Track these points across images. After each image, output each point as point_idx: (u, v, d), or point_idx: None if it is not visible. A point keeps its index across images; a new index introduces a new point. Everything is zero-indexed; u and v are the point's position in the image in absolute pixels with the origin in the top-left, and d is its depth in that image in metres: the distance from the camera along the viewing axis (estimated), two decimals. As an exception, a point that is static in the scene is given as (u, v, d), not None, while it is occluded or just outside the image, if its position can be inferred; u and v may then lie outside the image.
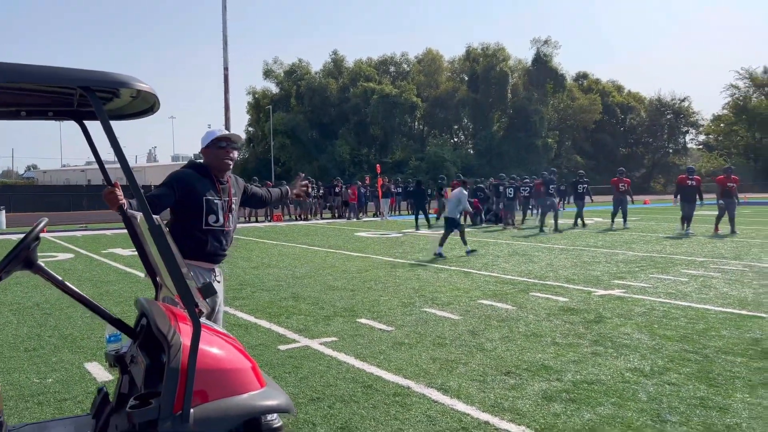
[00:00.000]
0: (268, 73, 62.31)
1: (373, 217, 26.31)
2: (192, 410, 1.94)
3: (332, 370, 4.55)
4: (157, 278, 2.73)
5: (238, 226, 19.27)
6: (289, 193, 3.86)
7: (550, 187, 17.69)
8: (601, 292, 7.60)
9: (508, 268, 9.85)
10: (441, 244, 11.58)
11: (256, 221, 24.91)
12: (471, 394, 4.00)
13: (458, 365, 4.63)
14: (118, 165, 2.00)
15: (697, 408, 3.72)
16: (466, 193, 11.84)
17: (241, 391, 2.08)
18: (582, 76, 71.49)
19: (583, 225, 18.32)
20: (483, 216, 21.20)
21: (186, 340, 2.03)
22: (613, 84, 72.72)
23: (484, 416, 3.63)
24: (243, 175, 52.58)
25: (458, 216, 11.79)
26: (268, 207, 6.13)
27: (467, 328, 5.78)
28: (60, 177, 72.24)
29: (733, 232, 15.25)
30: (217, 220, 3.24)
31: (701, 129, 75.21)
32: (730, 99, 73.93)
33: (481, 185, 22.75)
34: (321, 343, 5.32)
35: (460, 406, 3.80)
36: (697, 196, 15.65)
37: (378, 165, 30.28)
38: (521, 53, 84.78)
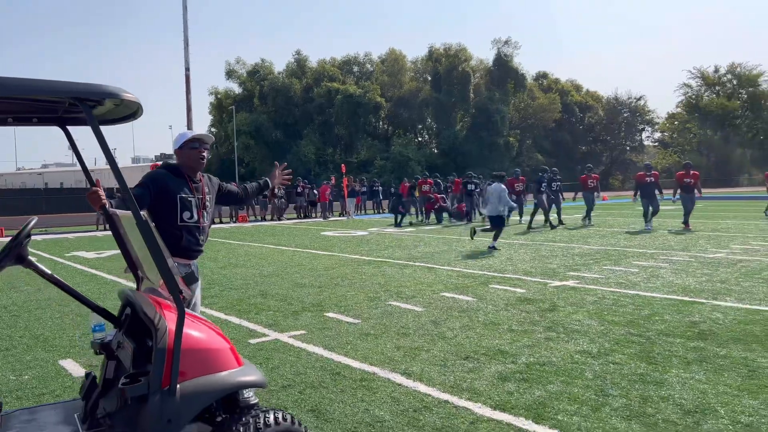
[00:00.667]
0: (230, 74, 61.82)
1: (339, 216, 26.50)
2: (178, 386, 2.17)
3: (302, 360, 4.79)
4: (139, 272, 2.93)
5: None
6: (269, 183, 4.00)
7: (542, 185, 17.73)
8: (557, 283, 8.01)
9: (470, 262, 10.21)
10: (495, 239, 12.02)
11: (221, 222, 24.84)
12: (432, 377, 4.29)
13: (421, 352, 4.93)
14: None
15: (636, 383, 4.09)
16: (504, 188, 12.22)
17: (221, 369, 2.32)
18: (542, 76, 72.96)
19: (560, 222, 17.94)
20: (449, 212, 21.66)
21: (171, 324, 2.26)
22: (571, 83, 74.42)
23: (444, 396, 3.93)
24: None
25: (503, 211, 12.15)
26: (245, 203, 6.29)
27: (430, 319, 6.09)
28: (16, 180, 70.31)
29: (685, 225, 15.65)
30: (192, 217, 3.45)
31: (657, 126, 77.66)
32: (684, 97, 76.56)
33: (439, 180, 23.48)
34: (290, 336, 5.54)
35: (422, 387, 4.09)
36: (657, 191, 15.99)
37: (343, 165, 30.48)
38: (483, 54, 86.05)
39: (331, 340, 5.40)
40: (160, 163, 8.67)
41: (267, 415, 2.30)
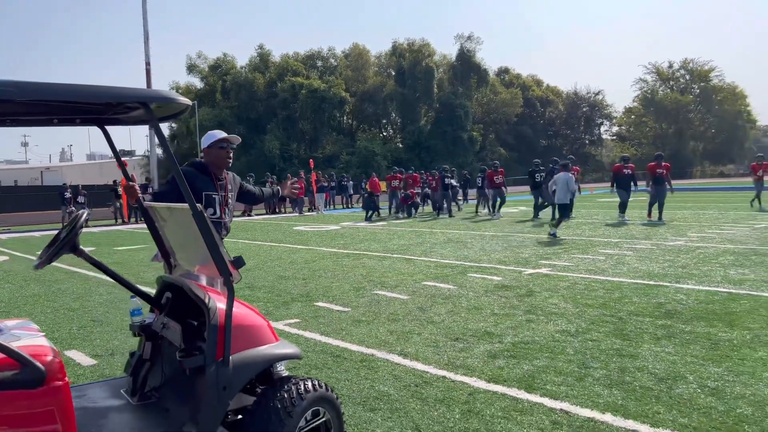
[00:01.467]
0: (191, 68, 60.93)
1: (309, 212, 26.64)
2: (230, 357, 2.44)
3: (301, 345, 5.05)
4: (171, 259, 3.17)
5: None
6: (280, 192, 4.32)
7: (536, 176, 18.10)
8: (530, 271, 8.44)
9: (445, 253, 10.60)
10: (556, 226, 12.62)
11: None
12: (427, 357, 4.62)
13: (413, 335, 5.25)
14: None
15: (613, 357, 4.50)
16: (572, 176, 12.88)
17: (263, 343, 2.60)
18: (503, 71, 74.12)
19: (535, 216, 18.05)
20: (418, 205, 22.03)
21: (219, 304, 2.52)
22: (532, 78, 75.84)
23: (441, 372, 4.26)
24: (169, 173, 51.33)
25: (570, 199, 12.75)
26: (259, 203, 6.48)
27: (416, 306, 6.42)
28: (-33, 178, 67.83)
29: (660, 219, 15.41)
30: (215, 213, 3.69)
31: (614, 121, 79.85)
32: (640, 92, 78.89)
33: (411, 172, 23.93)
34: (285, 324, 5.80)
35: (420, 366, 4.42)
36: (633, 183, 15.75)
37: (311, 160, 30.61)
38: (446, 49, 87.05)
39: (325, 326, 5.67)
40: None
41: (305, 383, 2.58)
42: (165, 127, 60.68)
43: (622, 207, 16.10)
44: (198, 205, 2.37)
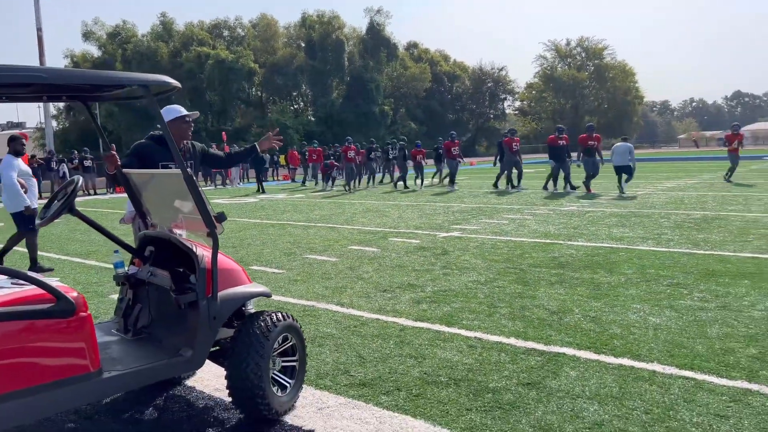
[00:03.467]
0: (87, 35, 57.49)
1: (220, 185, 26.46)
2: (218, 294, 2.99)
3: (246, 301, 5.59)
4: (148, 219, 3.63)
5: (82, 199, 18.60)
6: (257, 148, 4.35)
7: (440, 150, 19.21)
8: (444, 234, 9.32)
9: (366, 221, 11.31)
10: (624, 184, 14.87)
11: (95, 193, 23.99)
12: (361, 305, 5.32)
13: (346, 289, 5.92)
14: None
15: (516, 298, 5.38)
16: (631, 146, 14.92)
17: (241, 283, 3.18)
18: (412, 46, 75.22)
19: (442, 182, 19.40)
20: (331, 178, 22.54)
21: (204, 251, 3.06)
22: (440, 54, 77.48)
23: (375, 316, 4.97)
24: (65, 146, 48.62)
25: (629, 163, 14.72)
26: (229, 166, 6.57)
27: (346, 266, 7.09)
28: None
29: (587, 190, 15.37)
30: None
31: (517, 96, 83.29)
32: (540, 69, 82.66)
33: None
34: (227, 285, 6.29)
35: (355, 312, 5.11)
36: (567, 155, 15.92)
37: (224, 133, 30.27)
38: (356, 22, 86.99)
39: (264, 285, 6.22)
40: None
41: (276, 314, 3.18)
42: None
43: (556, 178, 16.31)
44: (189, 170, 2.88)
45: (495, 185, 18.38)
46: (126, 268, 3.43)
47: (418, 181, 20.49)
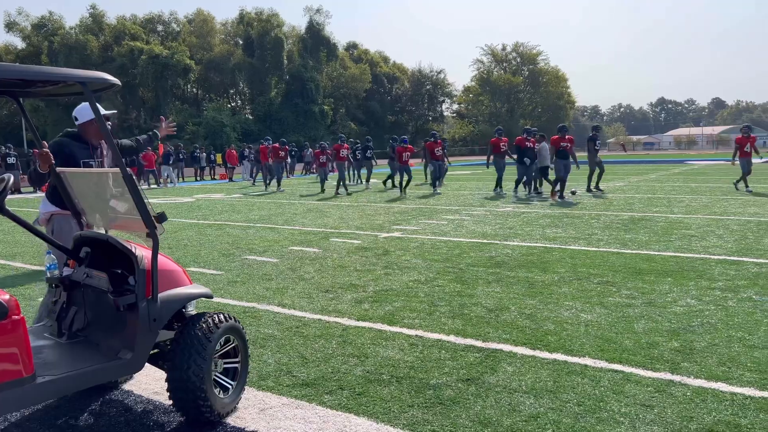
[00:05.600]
0: (11, 26, 54.68)
1: (153, 185, 25.69)
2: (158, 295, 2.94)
3: (184, 303, 5.47)
4: (82, 219, 3.51)
5: (8, 198, 17.66)
6: (158, 135, 4.68)
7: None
8: (385, 234, 9.41)
9: (306, 222, 11.27)
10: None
11: (20, 192, 22.84)
12: (303, 306, 5.31)
13: (287, 290, 5.90)
14: None
15: (455, 297, 5.51)
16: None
17: (182, 284, 3.12)
18: (352, 46, 75.34)
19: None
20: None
21: (144, 252, 2.99)
22: (380, 55, 77.94)
23: (317, 316, 4.98)
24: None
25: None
26: (138, 153, 6.48)
27: (287, 267, 7.05)
28: None
29: (561, 197, 14.70)
30: None
31: (455, 99, 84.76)
32: (477, 72, 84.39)
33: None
34: (163, 287, 6.13)
35: (297, 313, 5.10)
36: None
37: (162, 117, 29.33)
38: (295, 21, 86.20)
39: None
40: None
41: (218, 316, 3.15)
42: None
43: (520, 180, 16.15)
44: (127, 169, 2.81)
45: (514, 189, 16.81)
46: (58, 271, 3.31)
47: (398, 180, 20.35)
